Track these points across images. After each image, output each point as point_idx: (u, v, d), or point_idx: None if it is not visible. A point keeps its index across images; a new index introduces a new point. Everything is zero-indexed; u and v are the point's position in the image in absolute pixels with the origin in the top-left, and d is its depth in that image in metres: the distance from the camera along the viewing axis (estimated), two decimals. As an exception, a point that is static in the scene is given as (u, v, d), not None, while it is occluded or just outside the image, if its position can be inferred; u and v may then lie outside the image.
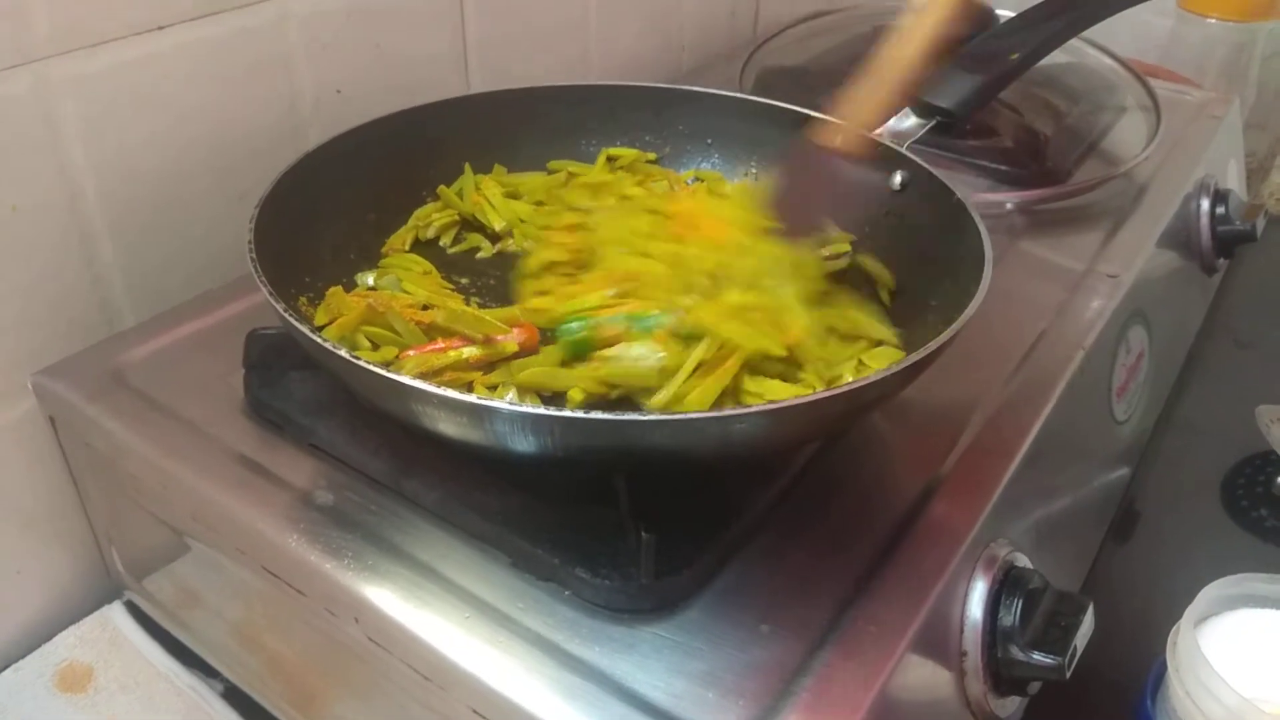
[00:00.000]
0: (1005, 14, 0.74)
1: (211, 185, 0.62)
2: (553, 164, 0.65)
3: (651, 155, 0.67)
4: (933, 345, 0.42)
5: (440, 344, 0.50)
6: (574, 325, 0.49)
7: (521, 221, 0.61)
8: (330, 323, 0.51)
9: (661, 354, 0.47)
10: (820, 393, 0.40)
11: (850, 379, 0.47)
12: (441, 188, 0.62)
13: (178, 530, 0.53)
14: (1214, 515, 0.71)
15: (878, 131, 0.61)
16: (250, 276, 0.45)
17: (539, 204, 0.63)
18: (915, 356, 0.41)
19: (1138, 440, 0.74)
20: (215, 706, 0.55)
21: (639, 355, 0.48)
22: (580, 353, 0.49)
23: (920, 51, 0.56)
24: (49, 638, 0.58)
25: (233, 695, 0.56)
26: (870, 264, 0.58)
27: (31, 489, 0.58)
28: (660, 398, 0.46)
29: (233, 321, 0.58)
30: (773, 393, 0.47)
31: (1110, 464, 0.69)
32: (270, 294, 0.43)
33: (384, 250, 0.59)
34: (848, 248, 0.60)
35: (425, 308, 0.53)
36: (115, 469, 0.54)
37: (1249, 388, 0.81)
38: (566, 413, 0.38)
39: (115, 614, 0.60)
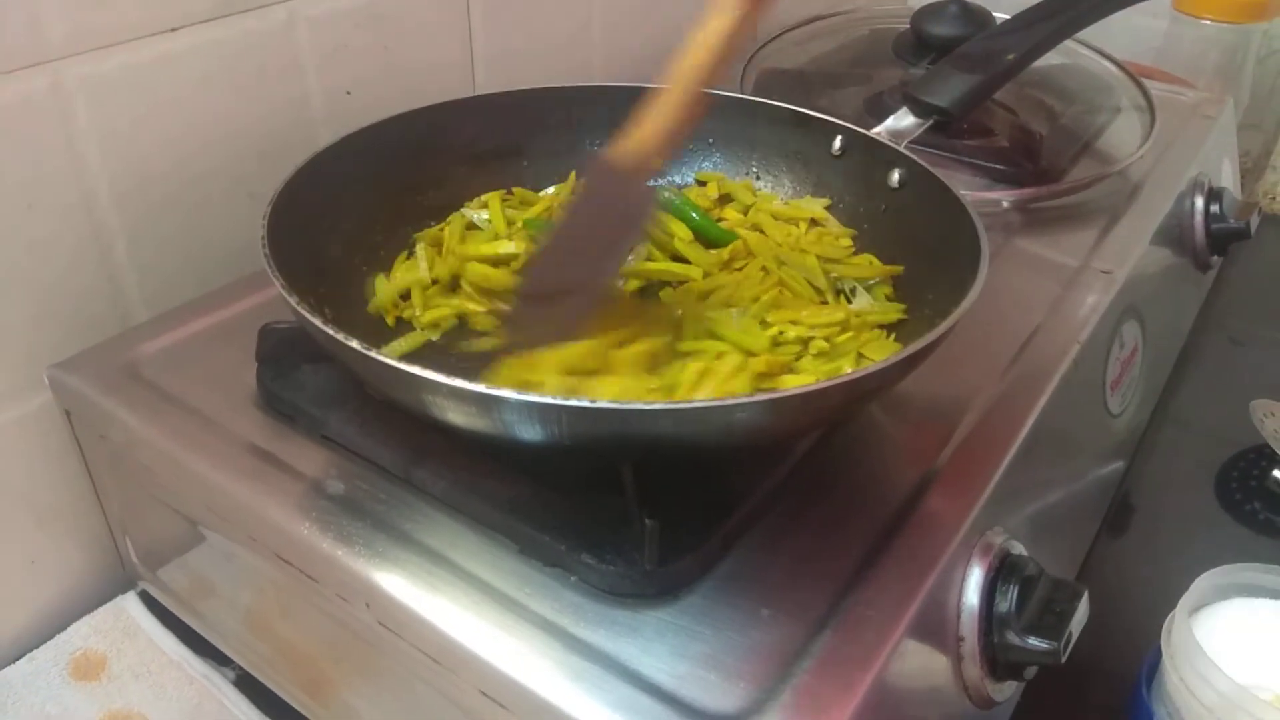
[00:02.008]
0: (1001, 16, 0.75)
1: (223, 185, 0.63)
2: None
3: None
4: (930, 337, 0.43)
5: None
6: None
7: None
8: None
9: None
10: (820, 383, 0.41)
11: (849, 370, 0.48)
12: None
13: (191, 520, 0.54)
14: (1208, 508, 0.72)
15: (876, 131, 0.62)
16: (262, 273, 0.46)
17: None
18: (913, 348, 0.42)
19: (1132, 434, 0.75)
20: (227, 694, 0.56)
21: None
22: None
23: (709, 60, 0.49)
24: (63, 627, 0.59)
25: (245, 682, 0.57)
26: (871, 262, 0.59)
27: (47, 481, 0.59)
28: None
29: (244, 316, 0.59)
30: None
31: (1105, 457, 0.70)
32: (284, 288, 0.44)
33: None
34: (849, 243, 0.61)
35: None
36: (129, 461, 0.55)
37: (1243, 383, 0.82)
38: (573, 401, 0.39)
39: (129, 604, 0.61)
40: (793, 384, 0.49)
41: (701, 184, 0.67)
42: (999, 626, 0.47)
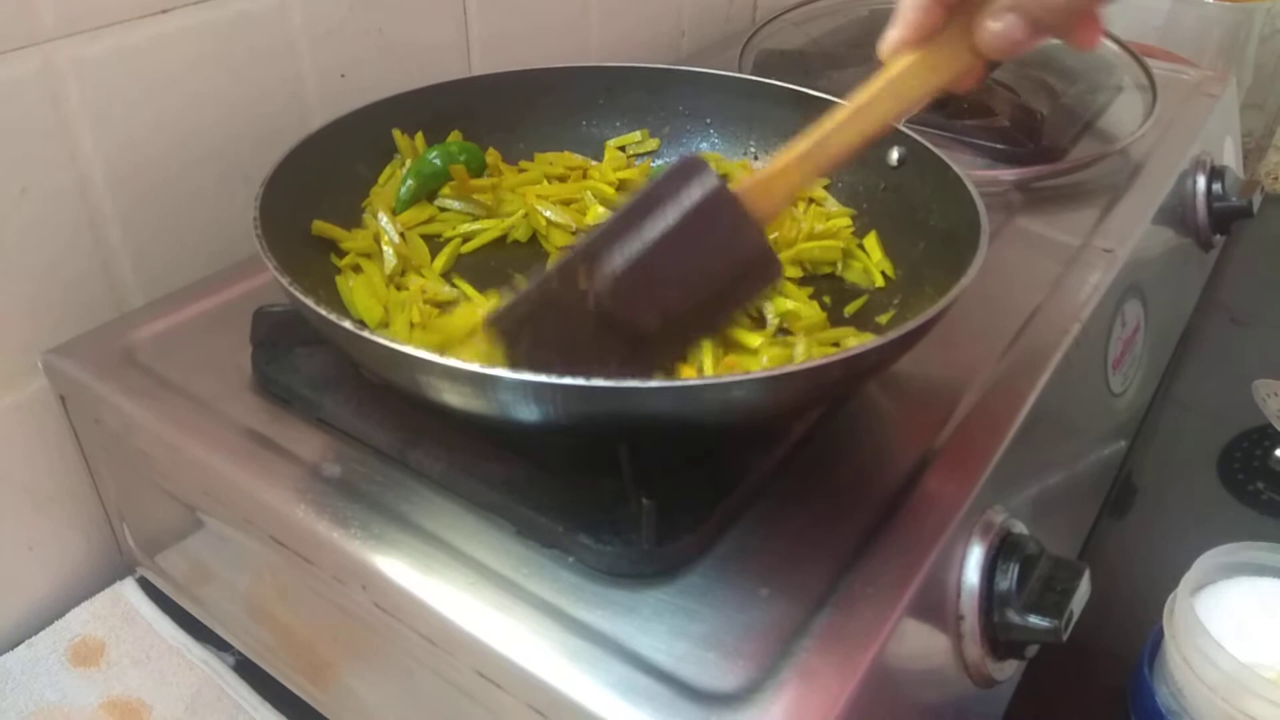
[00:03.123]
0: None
1: (217, 168, 0.63)
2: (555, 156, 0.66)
3: (653, 144, 0.67)
4: (928, 314, 0.42)
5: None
6: None
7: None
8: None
9: None
10: (817, 360, 0.40)
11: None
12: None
13: (188, 505, 0.53)
14: (1211, 488, 0.72)
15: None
16: (256, 257, 0.45)
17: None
18: (911, 325, 0.42)
19: (1135, 414, 0.75)
20: (227, 679, 0.56)
21: None
22: None
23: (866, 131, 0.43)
24: (62, 614, 0.59)
25: (244, 667, 0.57)
26: (869, 249, 0.59)
27: (44, 467, 0.59)
28: None
29: (239, 301, 0.58)
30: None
31: (1107, 437, 0.70)
32: (276, 269, 0.44)
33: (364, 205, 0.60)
34: (848, 222, 0.60)
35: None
36: (125, 446, 0.55)
37: (1246, 363, 0.81)
38: (568, 380, 0.38)
39: (127, 590, 0.61)
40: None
41: None
42: (999, 605, 0.47)
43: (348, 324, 0.41)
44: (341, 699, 0.53)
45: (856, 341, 0.51)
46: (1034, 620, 0.46)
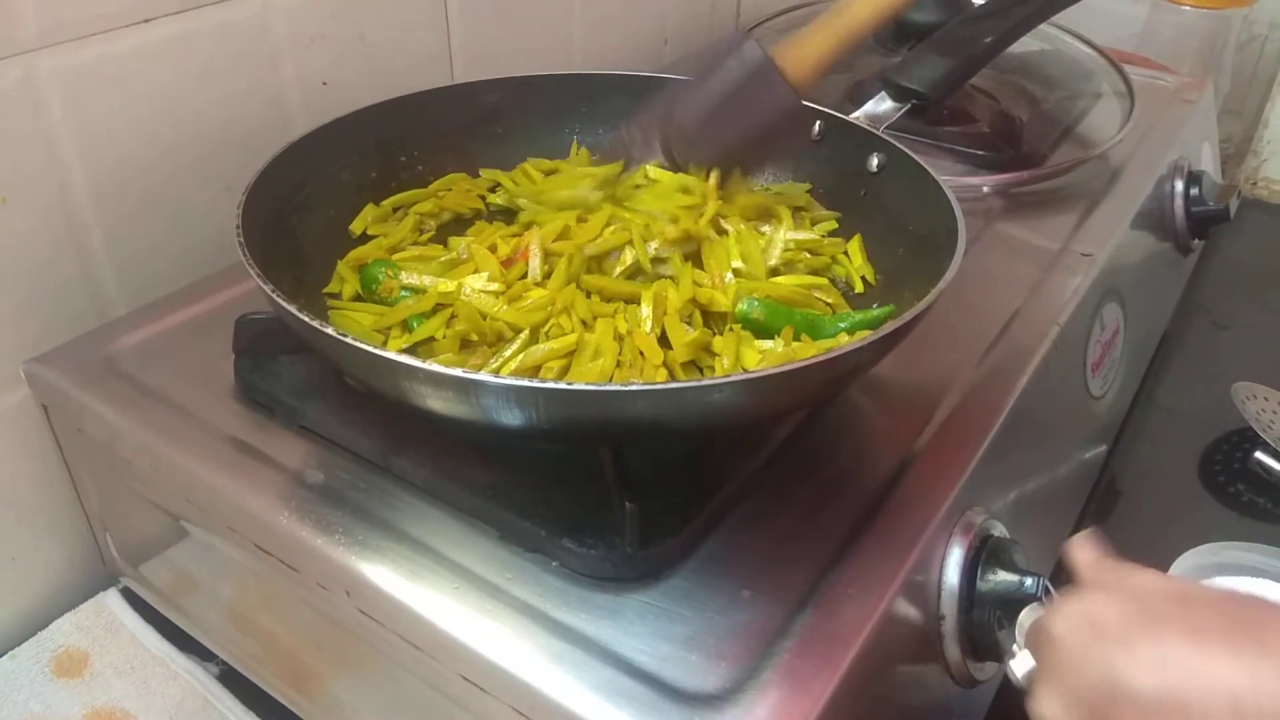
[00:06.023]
0: (980, 0, 0.75)
1: (199, 177, 0.63)
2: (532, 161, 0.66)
3: None
4: (908, 315, 0.43)
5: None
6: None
7: None
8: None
9: None
10: (797, 362, 0.41)
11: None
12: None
13: (171, 514, 0.53)
14: (1192, 490, 0.72)
15: (854, 115, 0.62)
16: (238, 265, 0.45)
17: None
18: (889, 327, 0.42)
19: (1115, 417, 0.75)
20: (212, 689, 0.56)
21: None
22: None
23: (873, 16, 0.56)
24: (45, 625, 0.59)
25: (229, 677, 0.57)
26: (851, 254, 0.59)
27: (25, 477, 0.59)
28: None
29: (222, 309, 0.58)
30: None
31: (1088, 440, 0.71)
32: (259, 276, 0.44)
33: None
34: (834, 224, 0.61)
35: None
36: (108, 455, 0.55)
37: (1226, 366, 0.82)
38: (550, 384, 0.39)
39: (111, 600, 0.61)
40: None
41: None
42: (979, 605, 0.47)
43: (330, 330, 0.41)
44: (327, 706, 0.53)
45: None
46: (1014, 620, 0.46)
